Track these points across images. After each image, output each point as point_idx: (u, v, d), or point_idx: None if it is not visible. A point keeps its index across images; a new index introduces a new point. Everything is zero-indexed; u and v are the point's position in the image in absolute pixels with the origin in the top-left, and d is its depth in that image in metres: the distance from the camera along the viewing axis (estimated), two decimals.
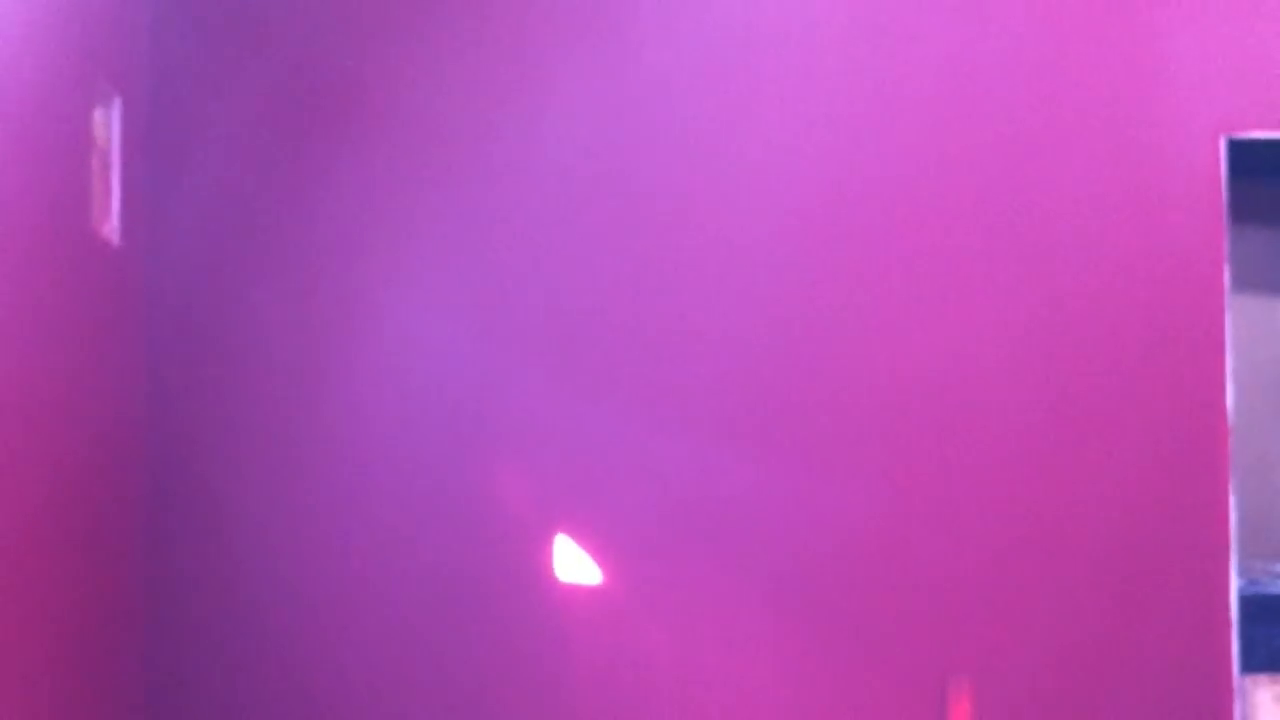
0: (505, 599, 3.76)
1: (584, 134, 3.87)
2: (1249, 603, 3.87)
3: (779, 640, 3.77)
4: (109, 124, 3.49)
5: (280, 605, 3.76)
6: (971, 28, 3.88)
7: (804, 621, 3.77)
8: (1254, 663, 3.85)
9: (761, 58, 3.87)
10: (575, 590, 3.76)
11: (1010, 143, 3.88)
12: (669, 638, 3.77)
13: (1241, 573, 3.97)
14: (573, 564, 3.76)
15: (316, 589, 3.77)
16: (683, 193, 3.86)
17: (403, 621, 3.75)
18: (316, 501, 3.79)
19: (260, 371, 3.80)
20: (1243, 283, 4.25)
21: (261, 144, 3.85)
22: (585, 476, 3.79)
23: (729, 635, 3.77)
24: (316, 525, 3.78)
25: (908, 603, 3.79)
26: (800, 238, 3.86)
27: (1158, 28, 3.91)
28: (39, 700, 2.90)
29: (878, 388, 3.82)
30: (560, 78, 3.87)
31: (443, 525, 3.77)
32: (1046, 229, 3.87)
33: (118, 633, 3.49)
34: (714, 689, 3.76)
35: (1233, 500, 3.84)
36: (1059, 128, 3.88)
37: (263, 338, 3.81)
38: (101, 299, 3.43)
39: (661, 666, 3.76)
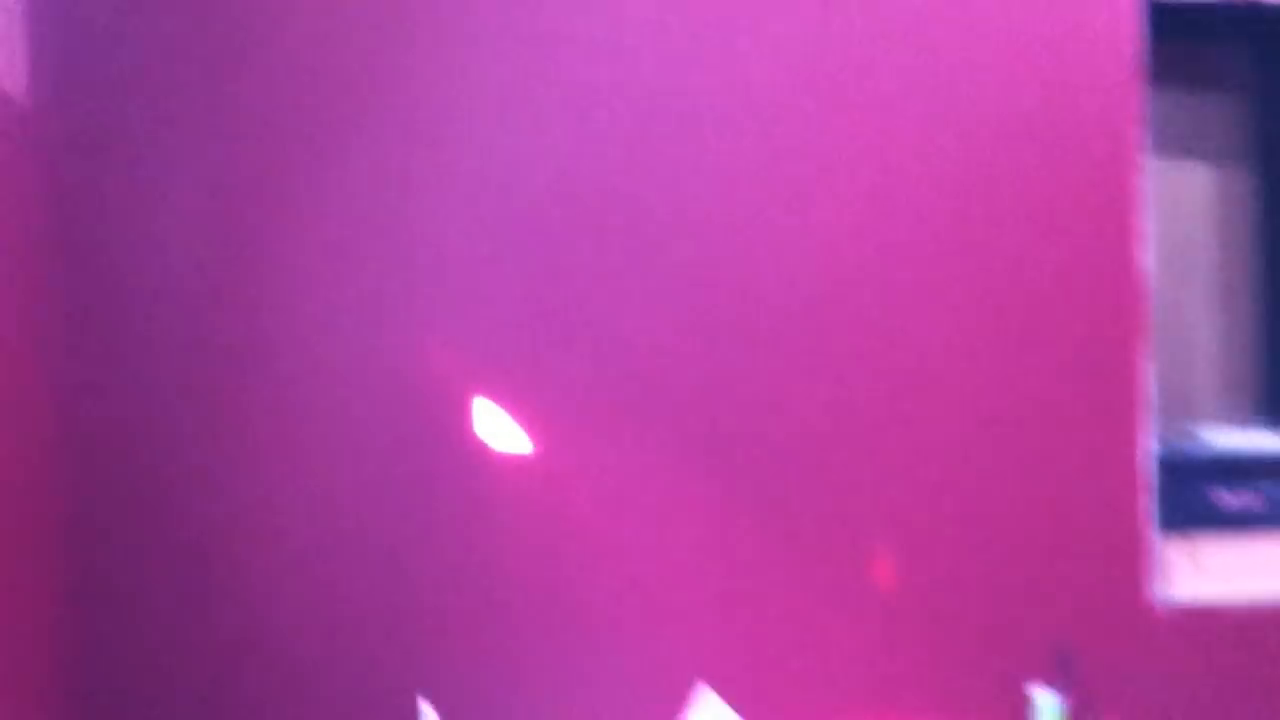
0: (434, 470, 3.70)
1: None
2: (1164, 464, 3.91)
3: (707, 508, 3.75)
4: None
5: (196, 478, 3.68)
6: None
7: (733, 490, 3.76)
8: (1168, 522, 3.90)
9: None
10: (505, 459, 3.71)
11: None
12: (599, 504, 3.74)
13: (1157, 434, 4.01)
14: (502, 432, 3.71)
15: (239, 462, 3.69)
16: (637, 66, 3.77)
17: (327, 493, 3.69)
18: (234, 375, 3.69)
19: (183, 252, 3.67)
20: (1160, 146, 4.25)
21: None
22: (519, 342, 3.72)
23: (659, 502, 3.75)
24: (236, 396, 3.69)
25: (833, 470, 3.79)
26: (747, 119, 3.79)
27: None
28: None
29: (813, 270, 3.78)
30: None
31: (369, 396, 3.70)
32: (961, 94, 3.83)
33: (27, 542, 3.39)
34: (644, 555, 3.75)
35: (1149, 363, 3.87)
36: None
37: (184, 211, 3.68)
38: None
39: (591, 533, 3.74)
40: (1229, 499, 3.98)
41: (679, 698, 3.73)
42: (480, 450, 3.71)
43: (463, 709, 3.69)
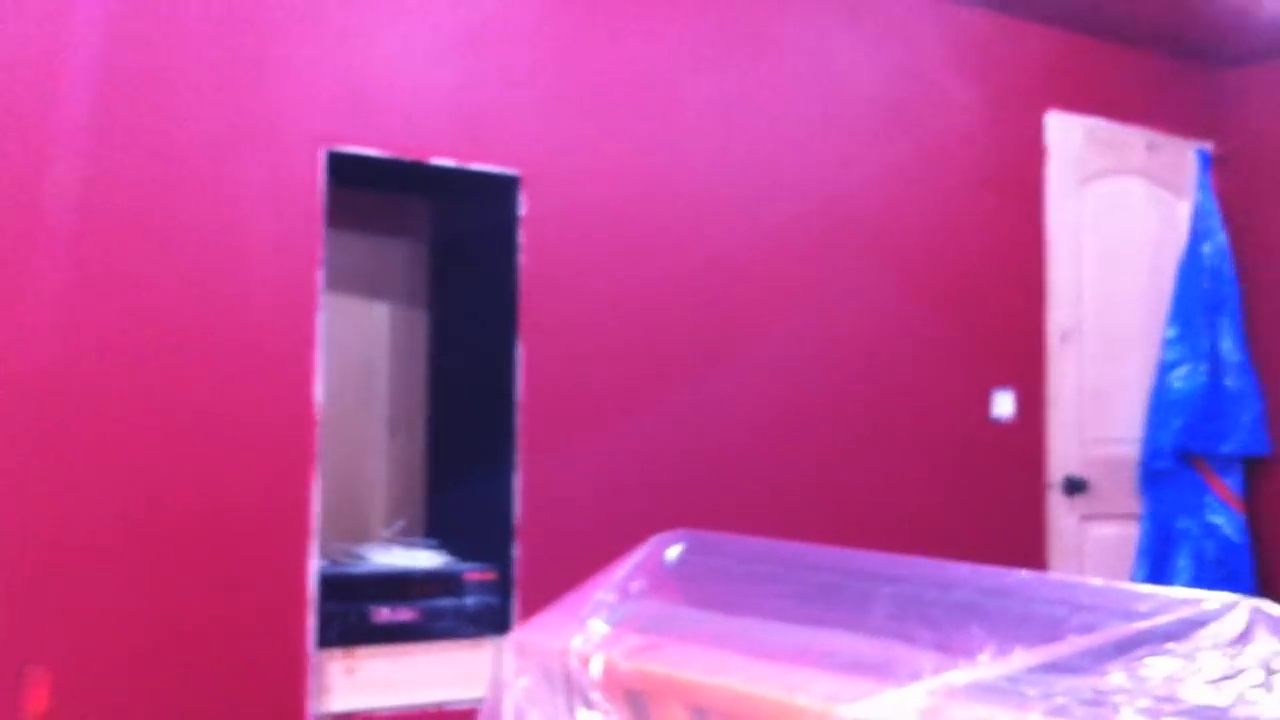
0: None
1: None
2: (328, 582, 4.16)
3: None
4: None
5: None
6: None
7: None
8: (328, 638, 4.15)
9: None
10: None
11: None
12: None
13: (324, 554, 4.27)
14: None
15: None
16: None
17: None
18: None
19: None
20: (337, 284, 4.56)
21: None
22: None
23: None
24: None
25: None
26: None
27: (266, 52, 4.13)
28: None
29: None
30: None
31: None
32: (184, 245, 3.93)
33: None
34: None
35: (317, 487, 4.12)
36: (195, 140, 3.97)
37: None
38: None
39: None
40: (387, 614, 4.31)
41: None
42: None
43: None
